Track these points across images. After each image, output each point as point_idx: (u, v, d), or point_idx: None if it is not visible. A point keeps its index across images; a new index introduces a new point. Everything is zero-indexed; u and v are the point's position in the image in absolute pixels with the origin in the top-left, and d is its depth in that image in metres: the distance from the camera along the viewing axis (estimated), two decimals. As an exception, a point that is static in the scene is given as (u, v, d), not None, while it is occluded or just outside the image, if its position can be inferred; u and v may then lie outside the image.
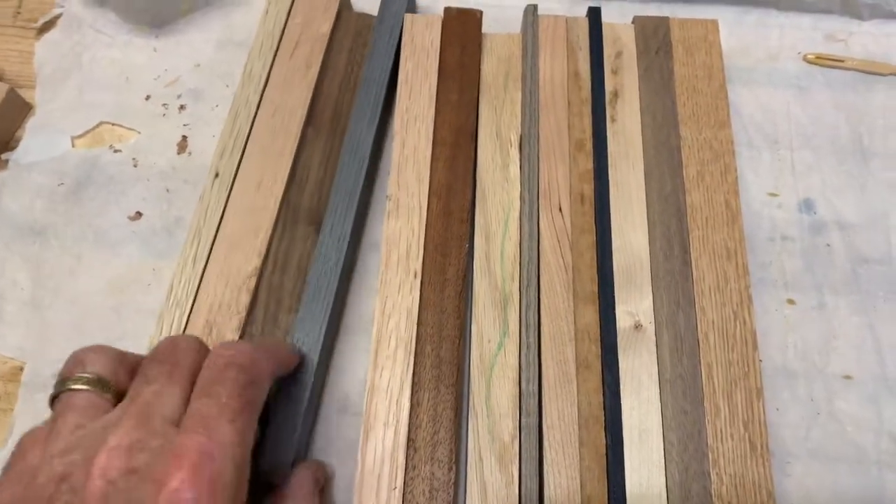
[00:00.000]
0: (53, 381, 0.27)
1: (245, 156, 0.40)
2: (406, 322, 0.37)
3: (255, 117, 0.41)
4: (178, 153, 0.45)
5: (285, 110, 0.41)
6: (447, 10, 0.45)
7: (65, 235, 0.43)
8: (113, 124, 0.46)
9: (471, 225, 0.40)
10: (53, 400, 0.27)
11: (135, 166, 0.45)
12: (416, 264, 0.38)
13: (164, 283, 0.40)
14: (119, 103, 0.47)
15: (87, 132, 0.46)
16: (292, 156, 0.40)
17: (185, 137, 0.45)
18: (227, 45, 0.48)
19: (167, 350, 0.28)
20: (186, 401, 0.26)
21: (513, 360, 0.37)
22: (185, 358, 0.28)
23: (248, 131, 0.41)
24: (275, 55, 0.43)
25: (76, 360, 0.28)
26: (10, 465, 0.25)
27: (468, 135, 0.42)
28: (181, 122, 0.46)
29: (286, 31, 0.44)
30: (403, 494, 0.34)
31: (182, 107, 0.46)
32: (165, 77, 0.47)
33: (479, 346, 0.38)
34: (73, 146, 0.45)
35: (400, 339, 0.37)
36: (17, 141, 0.45)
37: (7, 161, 0.45)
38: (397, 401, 0.35)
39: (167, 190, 0.44)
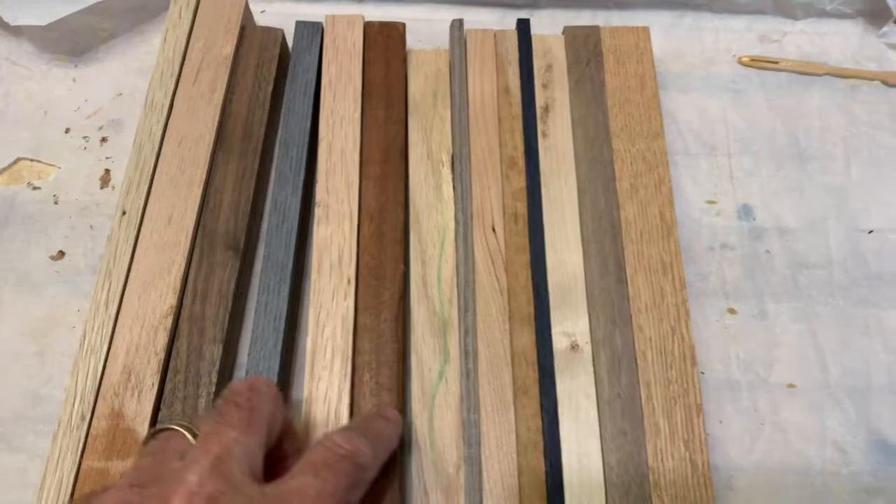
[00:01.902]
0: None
1: (153, 190, 0.39)
2: (342, 329, 0.36)
3: (160, 149, 0.40)
4: (102, 187, 0.44)
5: (192, 138, 0.40)
6: (368, 24, 0.44)
7: (-16, 279, 0.41)
8: (31, 160, 0.44)
9: (405, 247, 0.39)
10: (149, 439, 0.27)
11: (56, 203, 0.43)
12: (350, 270, 0.37)
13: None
14: (37, 138, 0.45)
15: (4, 170, 0.44)
16: (202, 184, 0.39)
17: (107, 171, 0.44)
18: (149, 71, 0.46)
19: (245, 394, 0.27)
20: (262, 454, 0.26)
21: (455, 387, 0.36)
22: (265, 405, 0.27)
23: (153, 164, 0.39)
24: (177, 82, 0.42)
25: None
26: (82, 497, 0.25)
27: (398, 152, 0.41)
28: (103, 155, 0.44)
29: (187, 56, 0.43)
30: None
31: (104, 139, 0.45)
32: (86, 108, 0.46)
33: (419, 377, 0.37)
34: (-10, 185, 0.44)
35: (336, 348, 0.36)
36: (-69, 182, 0.44)
37: (-79, 204, 0.43)
38: (335, 410, 0.34)
39: (91, 227, 0.42)
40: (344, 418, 0.34)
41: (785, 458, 0.37)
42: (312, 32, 0.44)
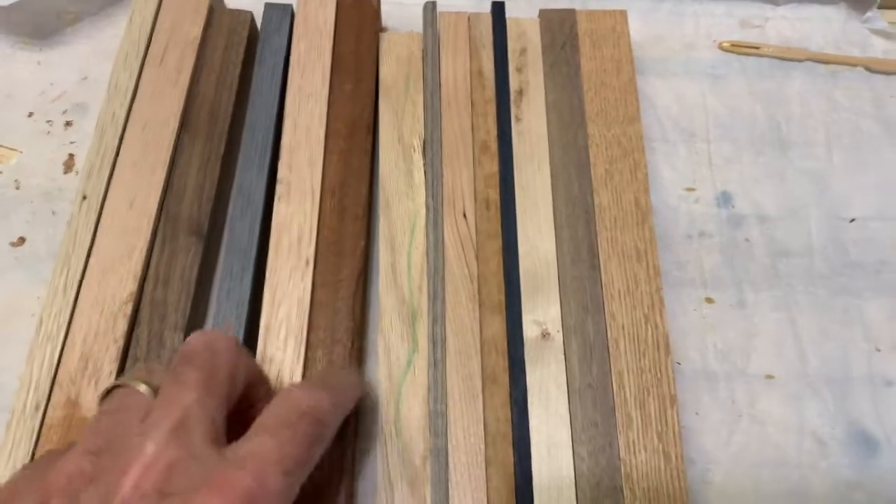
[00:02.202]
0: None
1: (115, 174, 0.38)
2: (297, 311, 0.35)
3: (123, 132, 0.39)
4: (65, 172, 0.42)
5: (156, 122, 0.39)
6: (341, 1, 0.43)
7: (-58, 266, 0.40)
8: (-7, 144, 0.43)
9: (368, 223, 0.38)
10: (106, 395, 0.26)
11: (17, 188, 0.42)
12: (309, 251, 0.36)
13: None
14: (0, 121, 0.44)
15: (-35, 154, 0.43)
16: (166, 168, 0.38)
17: (71, 156, 0.43)
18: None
19: (204, 353, 0.26)
20: (224, 415, 0.25)
21: (423, 377, 0.35)
22: (224, 365, 0.26)
23: (116, 148, 0.38)
24: (142, 64, 0.41)
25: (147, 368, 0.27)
26: (45, 455, 0.26)
27: (364, 128, 0.40)
28: (67, 140, 0.43)
29: (153, 37, 0.42)
30: None
31: (68, 123, 0.44)
32: (50, 92, 0.45)
33: (386, 365, 0.36)
34: (-51, 170, 0.42)
35: (290, 329, 0.35)
36: None
37: None
38: None
39: (53, 213, 0.41)
40: None
41: (762, 450, 0.36)
42: (282, 14, 0.43)
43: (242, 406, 0.28)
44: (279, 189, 0.38)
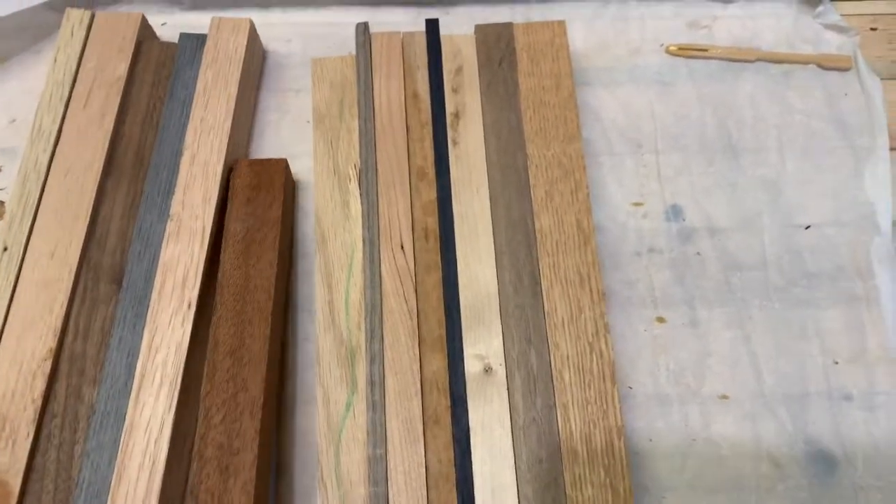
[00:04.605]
0: None
1: (36, 223, 0.37)
2: (175, 357, 0.34)
3: (45, 179, 0.38)
4: (-4, 220, 0.41)
5: (80, 166, 0.38)
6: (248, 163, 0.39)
7: None
8: (-80, 195, 0.42)
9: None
10: None
11: (-54, 240, 0.41)
12: (192, 294, 0.35)
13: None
14: (-74, 170, 0.42)
15: None
16: (88, 216, 0.37)
17: (2, 203, 0.41)
18: (46, 93, 0.44)
19: None
20: None
21: (363, 420, 0.34)
22: None
23: (38, 196, 0.37)
24: (66, 106, 0.39)
25: None
26: None
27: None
28: (-3, 186, 0.42)
29: (78, 77, 0.40)
30: None
31: (-2, 168, 0.43)
32: (-22, 136, 0.43)
33: (325, 410, 0.35)
34: None
35: (165, 376, 0.34)
36: None
37: None
38: (156, 441, 0.32)
39: (-16, 263, 0.40)
40: (163, 450, 0.32)
41: (718, 475, 0.35)
42: (196, 45, 0.41)
43: None
44: (170, 226, 0.36)
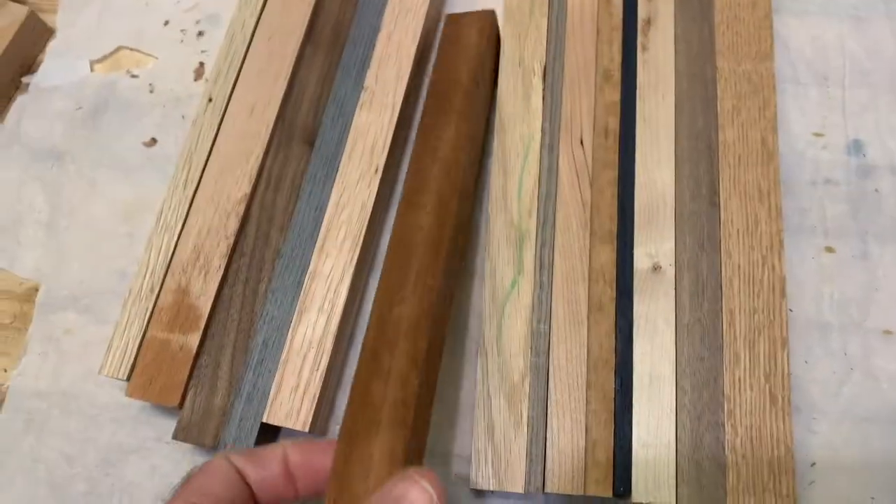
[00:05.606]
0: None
1: (240, 80, 0.39)
2: (359, 215, 0.36)
3: (251, 40, 0.40)
4: (195, 79, 0.44)
5: (283, 32, 0.40)
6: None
7: (82, 160, 0.43)
8: (131, 49, 0.45)
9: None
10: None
11: (151, 92, 0.44)
12: (380, 160, 0.37)
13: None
14: (138, 28, 0.46)
15: (106, 57, 0.45)
16: (287, 78, 0.39)
17: (202, 64, 0.44)
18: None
19: None
20: None
21: (526, 299, 0.36)
22: None
23: (243, 54, 0.40)
24: None
25: None
26: None
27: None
28: (199, 49, 0.45)
29: None
30: (325, 378, 0.34)
31: (200, 33, 0.45)
32: (185, 2, 0.46)
33: (491, 285, 0.36)
34: (91, 71, 0.45)
35: (349, 231, 0.36)
36: (38, 65, 0.45)
37: (28, 85, 0.45)
38: (335, 289, 0.35)
39: (182, 117, 0.43)
40: (342, 296, 0.34)
41: (874, 405, 0.35)
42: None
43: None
44: (363, 97, 0.38)
